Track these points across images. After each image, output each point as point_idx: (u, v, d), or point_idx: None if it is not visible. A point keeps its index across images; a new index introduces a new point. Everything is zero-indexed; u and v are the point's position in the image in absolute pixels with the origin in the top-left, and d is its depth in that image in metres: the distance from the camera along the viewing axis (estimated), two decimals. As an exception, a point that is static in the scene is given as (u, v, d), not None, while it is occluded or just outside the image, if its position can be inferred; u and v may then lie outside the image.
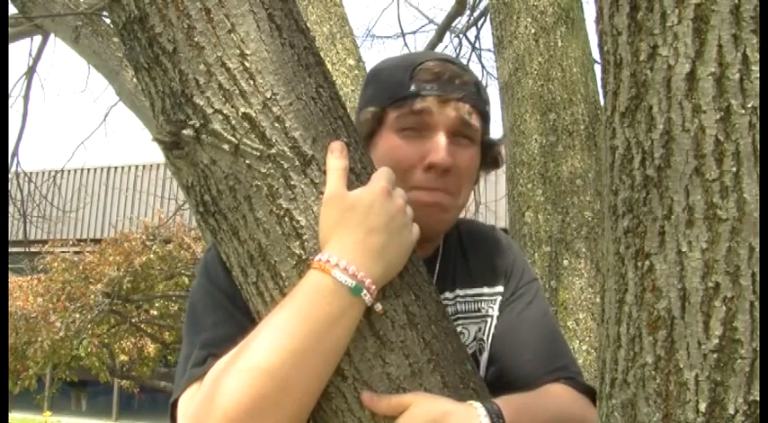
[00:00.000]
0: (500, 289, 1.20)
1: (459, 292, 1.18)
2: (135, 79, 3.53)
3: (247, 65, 0.93)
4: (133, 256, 7.88)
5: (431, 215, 1.10)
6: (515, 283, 1.21)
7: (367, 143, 1.11)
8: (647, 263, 0.78)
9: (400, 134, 1.12)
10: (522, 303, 1.19)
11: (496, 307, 1.19)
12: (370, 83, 1.22)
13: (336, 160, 0.94)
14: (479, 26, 7.37)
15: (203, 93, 0.93)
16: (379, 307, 0.93)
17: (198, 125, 0.93)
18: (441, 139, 1.11)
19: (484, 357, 1.17)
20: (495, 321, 1.18)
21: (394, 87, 1.14)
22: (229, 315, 1.02)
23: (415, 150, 1.11)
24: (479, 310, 1.19)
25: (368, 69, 3.27)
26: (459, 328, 1.14)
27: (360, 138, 1.03)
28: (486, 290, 1.19)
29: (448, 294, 1.17)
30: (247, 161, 0.93)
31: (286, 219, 0.93)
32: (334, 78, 2.08)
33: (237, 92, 0.93)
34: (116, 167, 13.70)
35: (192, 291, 1.09)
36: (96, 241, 9.49)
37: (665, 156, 0.76)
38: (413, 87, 1.12)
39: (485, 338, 1.18)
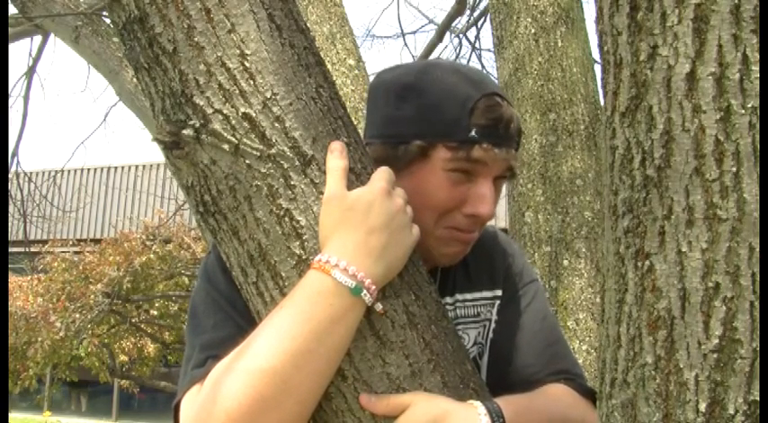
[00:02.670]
0: (498, 292, 1.19)
1: (459, 296, 1.18)
2: (135, 79, 3.53)
3: (247, 65, 0.93)
4: (133, 256, 7.87)
5: (460, 253, 1.12)
6: (513, 285, 1.20)
7: (400, 169, 1.04)
8: (647, 263, 0.78)
9: (447, 174, 1.06)
10: (521, 305, 1.19)
11: (495, 310, 1.19)
12: (409, 99, 1.09)
13: (336, 160, 0.94)
14: (479, 26, 7.37)
15: (203, 93, 0.93)
16: (379, 307, 0.93)
17: (198, 125, 0.93)
18: (488, 189, 1.07)
19: (484, 361, 1.17)
20: (493, 325, 1.18)
21: (449, 125, 1.05)
22: (229, 316, 1.02)
23: (459, 194, 1.07)
24: (479, 315, 1.18)
25: (368, 69, 3.29)
26: (459, 333, 1.14)
27: (360, 138, 1.03)
28: (485, 293, 1.19)
29: (448, 299, 1.16)
30: (247, 161, 0.93)
31: (286, 219, 0.93)
32: (334, 78, 2.08)
33: (237, 92, 0.93)
34: (116, 167, 13.69)
35: (194, 294, 1.09)
36: (96, 241, 9.48)
37: (665, 156, 0.76)
38: (473, 132, 1.04)
39: (484, 342, 1.18)
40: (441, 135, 1.05)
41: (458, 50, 7.52)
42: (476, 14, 7.28)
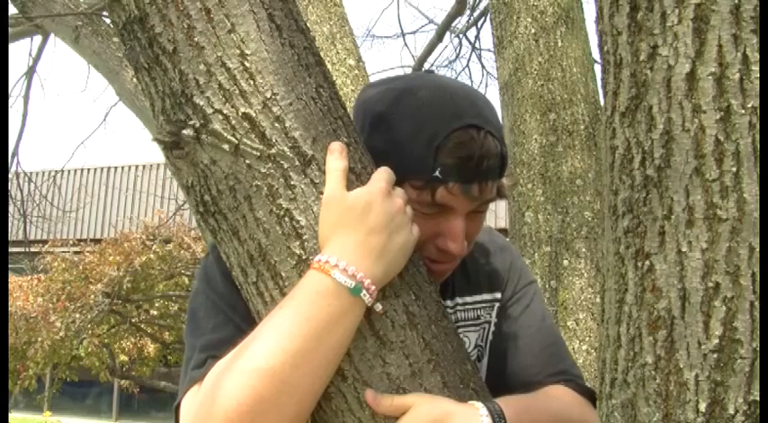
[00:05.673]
0: (498, 295, 1.20)
1: (459, 300, 1.18)
2: (135, 79, 3.53)
3: (247, 65, 0.93)
4: (133, 256, 7.87)
5: (445, 271, 1.10)
6: (512, 287, 1.21)
7: None
8: (647, 263, 0.78)
9: (415, 210, 1.01)
10: (519, 307, 1.19)
11: (494, 313, 1.19)
12: (379, 131, 1.05)
13: (336, 161, 0.94)
14: (479, 26, 7.38)
15: (203, 93, 0.93)
16: (379, 307, 0.93)
17: (198, 125, 0.93)
18: (458, 226, 1.04)
19: (484, 363, 1.18)
20: (492, 327, 1.19)
21: (414, 163, 1.01)
22: (228, 319, 1.02)
23: (429, 227, 1.03)
24: (479, 318, 1.19)
25: (368, 69, 3.29)
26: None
27: (360, 138, 1.03)
28: (484, 296, 1.20)
29: (448, 302, 1.17)
30: (247, 161, 0.93)
31: (286, 219, 0.93)
32: (334, 78, 2.08)
33: (237, 92, 0.93)
34: (116, 167, 13.68)
35: (192, 296, 1.09)
36: (96, 241, 9.47)
37: (665, 156, 0.77)
38: (437, 173, 1.00)
39: (484, 345, 1.18)
40: (406, 173, 1.01)
41: (458, 50, 7.55)
42: (476, 14, 7.30)
